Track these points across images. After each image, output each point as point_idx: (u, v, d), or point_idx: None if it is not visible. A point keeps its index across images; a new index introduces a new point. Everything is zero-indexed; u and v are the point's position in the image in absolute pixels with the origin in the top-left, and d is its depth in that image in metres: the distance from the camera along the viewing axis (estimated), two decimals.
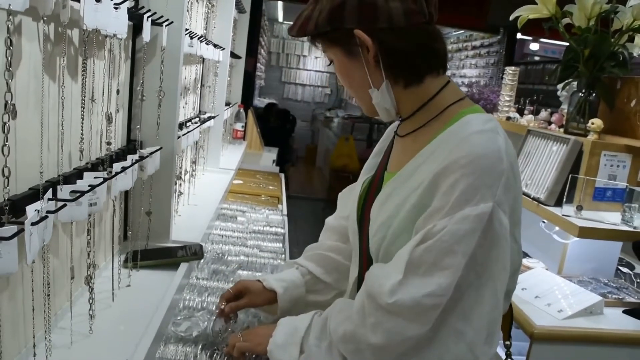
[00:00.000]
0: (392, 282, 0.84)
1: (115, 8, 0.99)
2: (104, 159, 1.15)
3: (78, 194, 0.92)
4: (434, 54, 0.96)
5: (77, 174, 1.02)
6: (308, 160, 10.25)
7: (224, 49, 2.53)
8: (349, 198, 1.17)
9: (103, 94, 1.14)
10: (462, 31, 8.63)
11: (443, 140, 0.91)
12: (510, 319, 1.12)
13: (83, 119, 1.00)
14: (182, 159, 2.06)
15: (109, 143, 1.13)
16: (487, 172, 0.83)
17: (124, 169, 1.14)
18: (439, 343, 0.84)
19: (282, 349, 0.98)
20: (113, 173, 1.09)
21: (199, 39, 1.85)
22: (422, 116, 0.98)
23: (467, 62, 8.63)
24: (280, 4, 8.76)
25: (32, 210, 0.78)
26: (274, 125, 6.33)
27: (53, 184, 0.92)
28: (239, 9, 3.30)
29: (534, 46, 8.00)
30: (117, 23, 1.02)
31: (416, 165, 0.93)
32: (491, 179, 0.83)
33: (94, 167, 1.10)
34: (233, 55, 3.15)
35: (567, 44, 2.29)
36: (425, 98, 0.97)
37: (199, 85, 2.37)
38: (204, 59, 2.37)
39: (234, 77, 3.66)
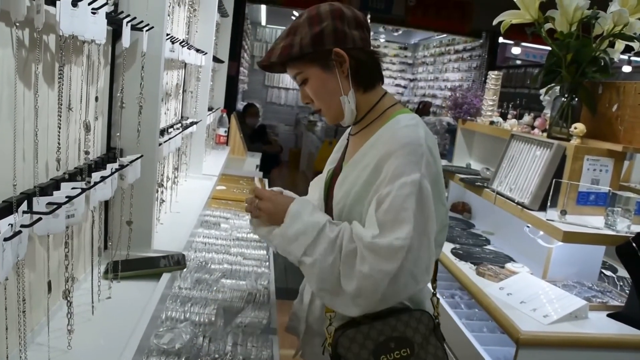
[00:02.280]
0: (371, 233, 1.12)
1: (93, 13, 0.95)
2: (82, 168, 1.11)
3: (55, 206, 0.88)
4: (379, 67, 1.31)
5: (54, 184, 0.99)
6: (292, 164, 10.21)
7: (206, 53, 2.50)
8: (317, 185, 1.49)
9: (81, 101, 1.10)
10: (445, 35, 8.69)
11: (381, 134, 1.23)
12: (436, 266, 1.36)
13: (60, 128, 0.96)
14: (164, 166, 2.02)
15: (87, 152, 1.09)
16: (412, 153, 1.15)
17: (103, 178, 1.10)
18: (400, 272, 1.10)
19: (288, 241, 1.19)
20: (92, 183, 1.05)
21: (180, 43, 1.82)
22: (367, 118, 1.31)
23: (449, 65, 8.69)
24: (263, 7, 8.73)
25: (5, 225, 0.74)
26: (250, 124, 6.32)
27: (28, 196, 0.88)
28: (222, 12, 3.26)
29: (516, 50, 8.07)
30: (95, 28, 0.98)
31: (363, 154, 1.25)
32: (416, 158, 1.14)
33: (71, 177, 1.07)
34: (215, 59, 3.12)
35: (549, 48, 2.31)
36: (373, 103, 1.31)
37: (180, 91, 2.33)
38: (185, 64, 2.33)
39: (216, 82, 3.63)
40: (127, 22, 1.21)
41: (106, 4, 0.98)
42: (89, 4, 0.92)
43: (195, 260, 1.87)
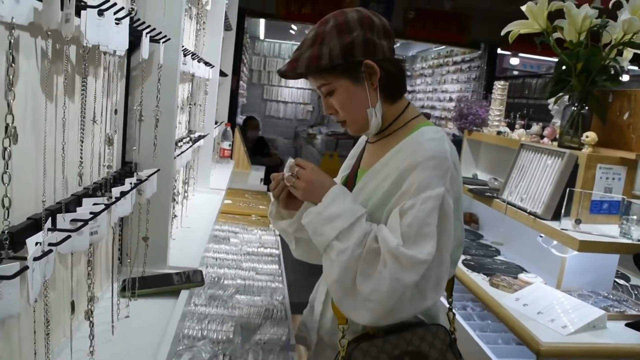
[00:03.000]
0: (397, 241, 1.09)
1: (117, 23, 0.93)
2: (101, 183, 1.09)
3: (80, 223, 0.85)
4: (405, 77, 1.28)
5: (76, 200, 0.96)
6: None
7: (213, 66, 2.49)
8: None
9: (102, 114, 1.08)
10: (443, 47, 8.72)
11: (405, 145, 1.20)
12: (452, 282, 1.35)
13: (83, 141, 0.94)
14: (175, 180, 1.99)
15: (109, 166, 1.06)
16: (438, 167, 1.12)
17: (123, 194, 1.08)
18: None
19: (323, 221, 1.14)
20: (113, 198, 1.03)
21: (192, 56, 1.80)
22: (390, 128, 1.28)
23: (448, 77, 8.71)
24: (262, 21, 8.76)
25: (32, 243, 0.71)
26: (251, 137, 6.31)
27: (52, 213, 0.85)
28: (226, 26, 3.26)
29: (514, 61, 8.12)
30: (118, 39, 0.96)
31: (384, 163, 1.22)
32: (441, 172, 1.12)
33: (92, 192, 1.04)
34: (221, 72, 3.10)
35: (546, 58, 2.32)
36: (397, 113, 1.28)
37: (189, 104, 2.31)
38: (193, 77, 2.32)
39: (220, 95, 3.60)
40: (147, 34, 1.19)
41: (130, 14, 0.96)
42: (114, 13, 0.90)
43: (208, 276, 1.84)
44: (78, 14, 0.85)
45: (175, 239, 1.86)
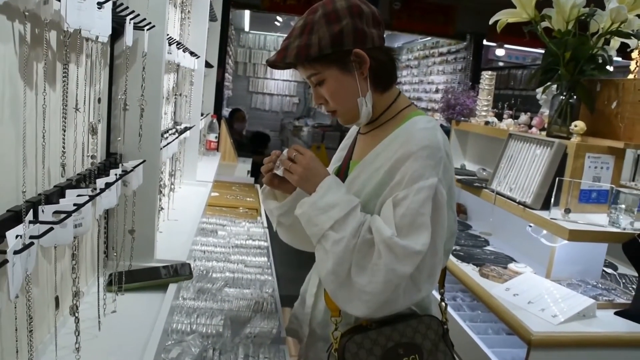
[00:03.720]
0: (391, 231, 1.08)
1: (99, 7, 0.89)
2: (85, 174, 1.05)
3: (63, 215, 0.81)
4: (396, 66, 1.26)
5: (59, 192, 0.92)
6: None
7: (199, 56, 2.44)
8: None
9: (84, 103, 1.04)
10: (429, 38, 8.72)
11: (398, 135, 1.19)
12: (444, 273, 1.33)
13: (65, 130, 0.90)
14: (162, 172, 1.95)
15: (93, 157, 1.02)
16: (431, 157, 1.11)
17: (108, 185, 1.04)
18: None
19: (317, 211, 1.12)
20: (98, 190, 0.99)
21: (177, 45, 1.76)
22: (381, 118, 1.26)
23: (434, 68, 8.71)
24: (246, 13, 8.67)
25: (13, 236, 0.67)
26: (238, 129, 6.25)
27: (34, 205, 0.81)
28: (211, 17, 3.20)
29: (500, 52, 8.14)
30: (100, 24, 0.92)
31: (377, 154, 1.20)
32: (434, 162, 1.11)
33: (75, 183, 1.00)
34: (206, 64, 3.05)
35: (531, 49, 2.31)
36: (388, 103, 1.26)
37: (174, 95, 2.26)
38: (178, 67, 2.27)
39: (206, 87, 3.55)
40: (130, 20, 1.15)
41: None
42: None
43: (196, 269, 1.80)
44: None
45: (162, 232, 1.83)
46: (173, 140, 1.86)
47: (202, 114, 3.11)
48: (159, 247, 1.60)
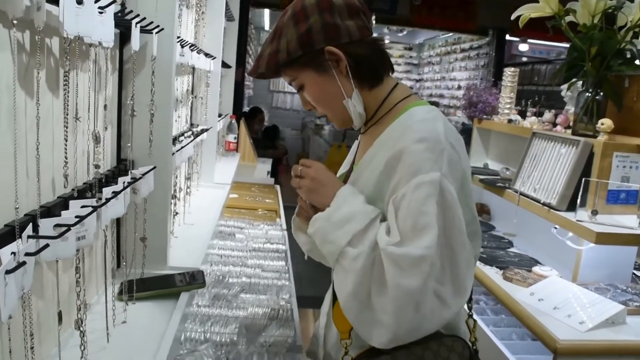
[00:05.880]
0: (387, 239, 0.97)
1: (100, 12, 0.87)
2: (92, 184, 1.03)
3: (64, 229, 0.79)
4: (385, 57, 1.14)
5: (62, 203, 0.90)
6: None
7: (215, 58, 2.42)
8: None
9: (89, 111, 1.02)
10: (450, 34, 8.59)
11: (392, 130, 1.08)
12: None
13: (67, 140, 0.87)
14: (177, 176, 1.93)
15: (97, 166, 1.00)
16: (429, 150, 0.98)
17: (115, 194, 1.01)
18: (424, 292, 0.93)
19: (332, 227, 1.03)
20: (103, 200, 0.96)
21: (190, 47, 1.73)
22: (377, 114, 1.15)
23: (456, 64, 8.59)
24: (266, 12, 8.66)
25: (7, 254, 0.65)
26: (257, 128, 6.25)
27: (34, 218, 0.79)
28: (228, 17, 3.18)
29: (523, 47, 7.97)
30: (102, 30, 0.89)
31: (372, 154, 1.10)
32: (435, 154, 0.98)
33: (80, 194, 0.98)
34: (223, 64, 3.04)
35: (556, 43, 2.23)
36: (382, 98, 1.14)
37: (190, 97, 2.24)
38: (194, 69, 2.25)
39: (224, 87, 3.53)
40: (136, 24, 1.13)
41: (114, 1, 0.89)
42: (96, 1, 0.83)
43: (212, 274, 1.78)
44: (57, 3, 0.78)
45: (178, 237, 1.81)
46: (188, 143, 1.84)
47: (220, 115, 3.10)
48: (173, 253, 1.58)
